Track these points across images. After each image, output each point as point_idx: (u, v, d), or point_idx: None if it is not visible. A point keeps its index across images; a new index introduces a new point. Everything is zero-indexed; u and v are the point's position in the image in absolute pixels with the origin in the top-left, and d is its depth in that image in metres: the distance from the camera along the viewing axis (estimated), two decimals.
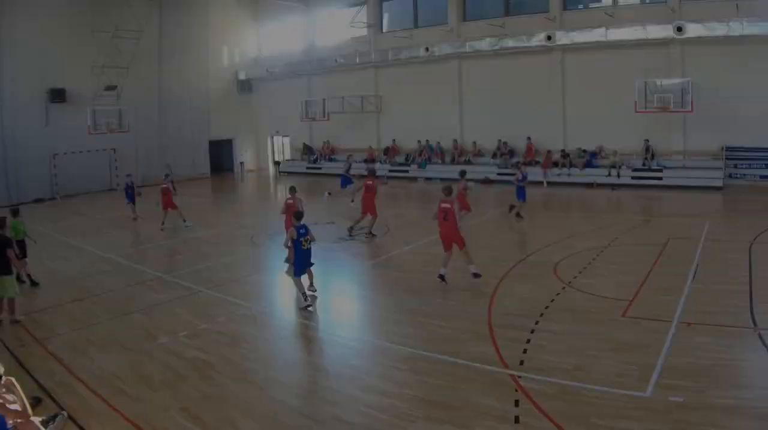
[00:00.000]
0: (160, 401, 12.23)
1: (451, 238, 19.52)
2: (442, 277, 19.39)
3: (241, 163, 63.95)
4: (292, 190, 24.06)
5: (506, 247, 25.05)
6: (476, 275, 19.25)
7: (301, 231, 17.97)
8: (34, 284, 21.64)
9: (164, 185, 31.63)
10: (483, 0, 49.55)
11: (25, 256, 21.57)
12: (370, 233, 27.73)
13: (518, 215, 29.78)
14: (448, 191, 19.94)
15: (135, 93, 52.43)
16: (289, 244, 18.07)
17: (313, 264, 18.66)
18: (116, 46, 49.15)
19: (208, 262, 24.57)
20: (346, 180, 35.76)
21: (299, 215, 18.57)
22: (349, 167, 36.86)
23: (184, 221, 31.23)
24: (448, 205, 19.54)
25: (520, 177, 29.75)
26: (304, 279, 18.56)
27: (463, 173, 29.04)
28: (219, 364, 13.96)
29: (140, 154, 54.35)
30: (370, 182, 28.01)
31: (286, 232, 20.87)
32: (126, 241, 30.25)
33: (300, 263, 18.11)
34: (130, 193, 34.39)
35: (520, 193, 29.75)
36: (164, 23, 55.84)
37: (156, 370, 13.79)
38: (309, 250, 18.28)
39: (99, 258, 26.17)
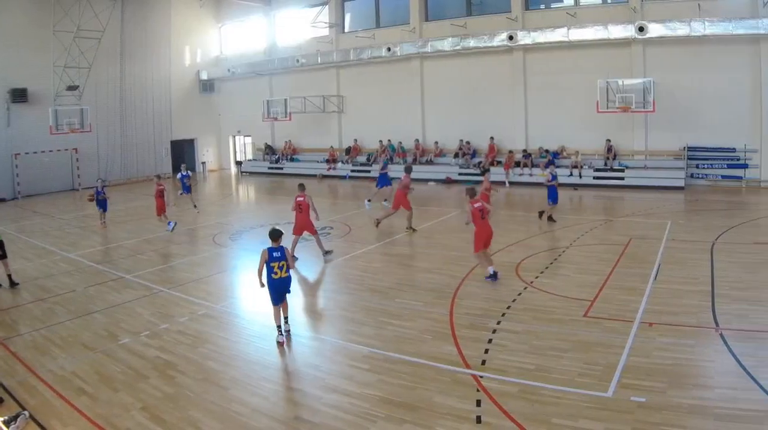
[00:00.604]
0: (121, 400, 12.11)
1: (491, 234, 19.66)
2: (495, 274, 19.22)
3: (203, 163, 62.96)
4: (302, 187, 23.34)
5: (467, 247, 23.66)
6: (495, 276, 19.21)
7: (274, 254, 14.82)
8: (13, 284, 21.16)
9: (159, 187, 30.53)
10: (445, 0, 49.52)
11: (5, 256, 21.39)
12: (410, 227, 27.73)
13: (550, 218, 28.67)
14: (473, 193, 19.77)
15: (97, 93, 51.89)
16: (261, 268, 14.98)
17: (289, 292, 15.43)
18: (78, 46, 48.12)
19: (170, 262, 24.38)
20: (384, 181, 34.54)
21: (275, 234, 15.11)
22: (386, 166, 35.64)
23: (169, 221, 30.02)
24: (480, 205, 19.44)
25: (550, 177, 28.45)
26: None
27: (485, 172, 28.44)
28: (181, 364, 13.80)
29: (102, 154, 53.63)
30: (407, 181, 28.24)
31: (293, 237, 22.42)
32: (88, 241, 29.55)
33: (273, 291, 14.99)
34: (102, 201, 31.95)
35: (551, 194, 28.45)
36: (126, 23, 54.82)
37: (117, 370, 13.63)
38: (284, 279, 14.96)
39: (61, 258, 25.73)
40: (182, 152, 61.15)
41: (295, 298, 18.32)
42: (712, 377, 11.88)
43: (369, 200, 35.05)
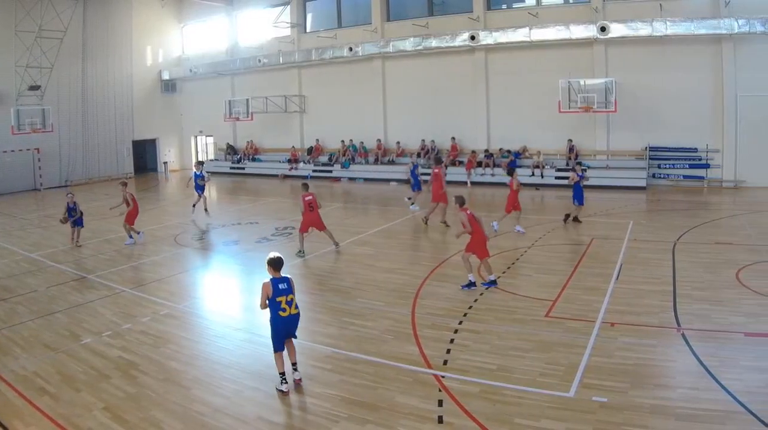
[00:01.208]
0: (83, 400, 11.89)
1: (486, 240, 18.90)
2: (473, 283, 18.32)
3: (165, 163, 61.81)
4: (306, 186, 23.38)
5: (430, 247, 24.63)
6: (493, 283, 18.41)
7: (280, 287, 11.94)
8: None
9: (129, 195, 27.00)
10: (407, 0, 49.03)
11: None
12: (444, 222, 27.96)
13: (576, 219, 27.52)
14: (462, 201, 18.95)
15: (59, 93, 51.08)
16: (263, 303, 12.14)
17: (296, 337, 12.52)
18: (40, 46, 47.15)
19: (132, 262, 23.88)
20: (417, 182, 33.29)
21: (278, 263, 12.26)
22: (416, 168, 34.33)
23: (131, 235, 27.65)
24: (471, 211, 18.63)
25: (577, 176, 27.31)
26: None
27: (512, 171, 27.68)
28: (143, 364, 13.58)
29: (64, 154, 52.61)
30: (437, 171, 28.54)
31: (300, 235, 22.89)
32: (50, 241, 28.87)
33: (278, 332, 12.08)
34: (77, 218, 27.20)
35: (577, 194, 27.33)
36: (88, 23, 53.59)
37: (79, 370, 13.37)
38: (294, 316, 12.14)
39: (23, 258, 25.21)
40: (144, 152, 60.75)
41: (258, 298, 17.88)
42: (674, 377, 11.82)
43: (409, 198, 33.73)
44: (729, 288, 17.23)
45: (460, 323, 15.29)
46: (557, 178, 39.82)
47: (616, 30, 37.30)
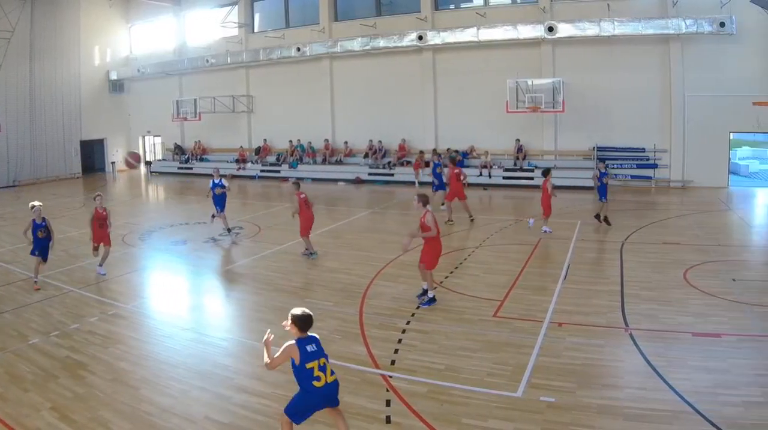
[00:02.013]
0: (31, 400, 11.54)
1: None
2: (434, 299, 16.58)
3: (113, 163, 60.14)
4: (297, 185, 22.20)
5: (377, 247, 23.75)
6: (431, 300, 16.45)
7: (308, 349, 8.92)
8: None
9: (102, 212, 21.03)
10: (354, 0, 47.92)
11: None
12: (465, 217, 27.92)
13: (605, 219, 26.02)
14: (426, 200, 16.42)
15: (6, 92, 49.08)
16: (274, 364, 9.17)
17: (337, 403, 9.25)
18: None
19: (79, 262, 22.81)
20: (440, 184, 31.40)
21: (307, 322, 9.11)
22: (435, 167, 32.13)
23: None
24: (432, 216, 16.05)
25: (599, 174, 25.89)
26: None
27: (547, 172, 26.20)
28: (91, 364, 13.16)
29: (12, 155, 50.59)
30: (457, 171, 28.04)
31: (303, 238, 21.71)
32: None
33: (313, 406, 9.01)
34: (43, 244, 19.58)
35: (602, 191, 25.86)
36: (36, 23, 51.71)
37: (27, 370, 12.97)
38: (331, 385, 8.88)
39: None
40: (92, 152, 58.98)
41: (205, 298, 18.54)
42: (622, 377, 11.71)
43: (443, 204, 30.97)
44: (677, 288, 17.10)
45: (408, 322, 15.01)
46: (505, 178, 39.37)
47: (564, 30, 37.00)
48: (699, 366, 11.87)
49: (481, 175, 39.97)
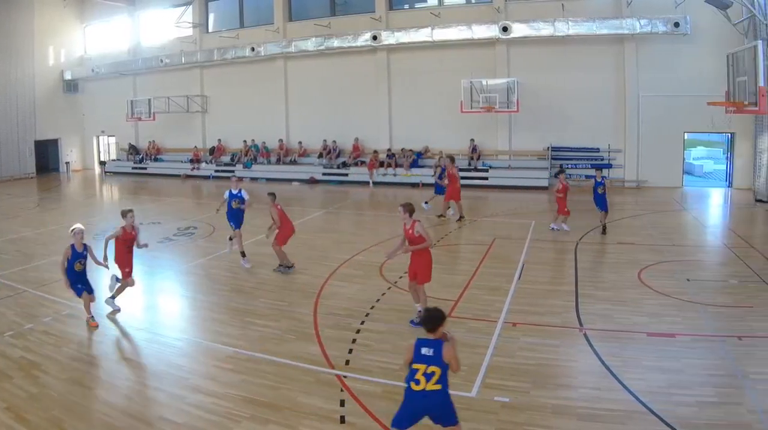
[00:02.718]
0: None
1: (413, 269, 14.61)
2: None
3: (67, 163, 58.65)
4: (274, 196, 19.67)
5: (332, 247, 23.31)
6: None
7: (422, 352, 8.32)
8: None
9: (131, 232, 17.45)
10: (309, 0, 46.94)
11: None
12: (454, 216, 27.83)
13: (603, 229, 24.22)
14: (412, 210, 14.33)
15: None
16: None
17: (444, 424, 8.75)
18: None
19: (34, 262, 22.27)
20: (440, 187, 29.47)
21: (427, 320, 8.53)
22: (442, 173, 31.06)
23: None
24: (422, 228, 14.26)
25: (594, 184, 24.35)
26: None
27: (560, 172, 25.43)
28: (45, 364, 12.80)
29: None
30: (453, 172, 27.63)
31: (278, 249, 19.35)
32: None
33: (404, 408, 8.45)
34: (79, 277, 16.29)
35: (600, 201, 24.25)
36: None
37: None
38: (428, 394, 8.27)
39: None
40: (46, 152, 57.47)
41: (160, 298, 18.05)
42: (576, 377, 11.62)
43: (449, 208, 29.59)
44: (631, 288, 16.93)
45: (363, 323, 14.77)
46: (459, 178, 38.34)
47: (518, 30, 36.61)
48: (653, 366, 11.72)
49: (435, 175, 38.44)
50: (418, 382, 8.23)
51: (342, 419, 10.16)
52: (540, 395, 10.71)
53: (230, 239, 21.42)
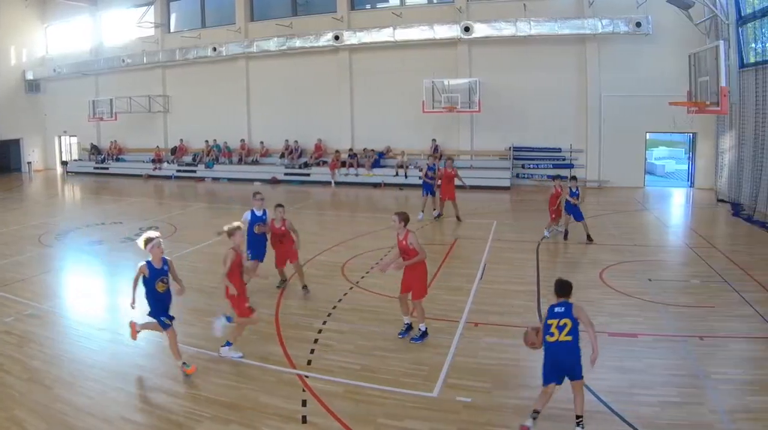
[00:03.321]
0: None
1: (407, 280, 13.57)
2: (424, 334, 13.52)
3: (29, 163, 57.29)
4: (283, 208, 16.96)
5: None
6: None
7: (556, 310, 9.60)
8: None
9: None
10: (270, 0, 46.10)
11: None
12: (446, 215, 27.39)
13: (565, 235, 22.79)
14: (407, 219, 13.68)
15: None
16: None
17: (579, 377, 9.51)
18: None
19: None
20: (428, 186, 28.22)
21: (558, 286, 9.80)
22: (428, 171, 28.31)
23: None
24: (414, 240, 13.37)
25: (569, 193, 22.45)
26: None
27: (557, 176, 23.78)
28: (6, 363, 12.54)
29: None
30: (451, 171, 27.00)
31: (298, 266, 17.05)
32: None
33: (545, 361, 9.62)
34: (161, 298, 13.42)
35: (572, 211, 22.63)
36: None
37: None
38: (562, 344, 9.41)
39: None
40: (8, 152, 56.44)
41: (122, 298, 16.79)
42: (538, 377, 10.58)
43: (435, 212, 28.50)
44: (593, 288, 16.68)
45: (324, 323, 14.53)
46: (421, 178, 37.72)
47: (480, 30, 36.09)
48: (615, 366, 11.61)
49: (397, 175, 38.54)
50: (552, 334, 9.36)
51: (304, 419, 9.97)
52: (502, 395, 10.59)
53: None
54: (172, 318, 12.04)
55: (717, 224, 26.92)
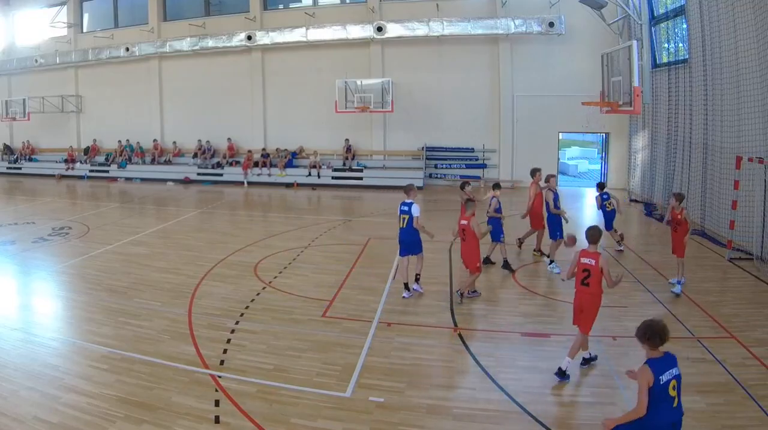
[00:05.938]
0: None
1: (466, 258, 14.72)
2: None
3: None
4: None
5: (206, 247, 21.46)
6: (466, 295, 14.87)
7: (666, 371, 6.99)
8: None
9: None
10: (183, 0, 42.65)
11: None
12: None
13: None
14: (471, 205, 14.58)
15: None
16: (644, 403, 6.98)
17: None
18: None
19: None
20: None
21: (657, 334, 7.00)
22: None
23: None
24: (465, 223, 14.50)
25: (601, 199, 19.69)
26: None
27: (536, 172, 19.98)
28: None
29: None
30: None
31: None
32: None
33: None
34: None
35: (608, 218, 19.75)
36: None
37: None
38: (680, 409, 7.26)
39: None
40: None
41: (34, 298, 16.56)
42: (451, 377, 11.09)
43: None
44: (506, 288, 16.24)
45: (237, 322, 13.82)
46: (334, 178, 35.54)
47: (393, 30, 33.64)
48: (528, 366, 11.30)
49: (309, 175, 35.53)
50: (673, 399, 7.07)
51: (216, 419, 9.47)
52: (415, 395, 10.20)
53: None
54: None
55: (629, 224, 25.23)
